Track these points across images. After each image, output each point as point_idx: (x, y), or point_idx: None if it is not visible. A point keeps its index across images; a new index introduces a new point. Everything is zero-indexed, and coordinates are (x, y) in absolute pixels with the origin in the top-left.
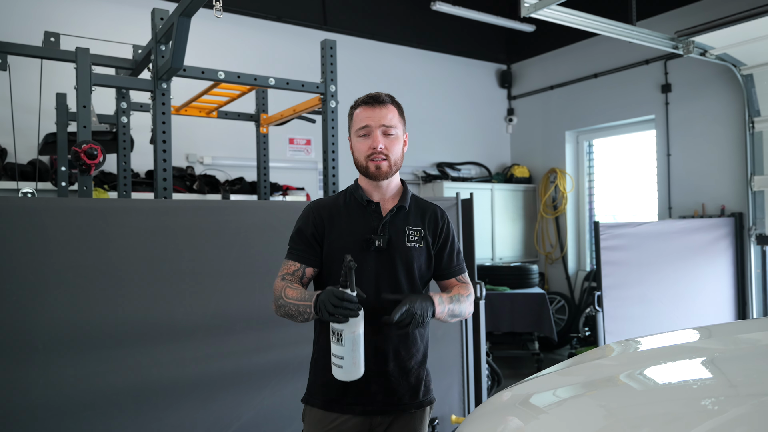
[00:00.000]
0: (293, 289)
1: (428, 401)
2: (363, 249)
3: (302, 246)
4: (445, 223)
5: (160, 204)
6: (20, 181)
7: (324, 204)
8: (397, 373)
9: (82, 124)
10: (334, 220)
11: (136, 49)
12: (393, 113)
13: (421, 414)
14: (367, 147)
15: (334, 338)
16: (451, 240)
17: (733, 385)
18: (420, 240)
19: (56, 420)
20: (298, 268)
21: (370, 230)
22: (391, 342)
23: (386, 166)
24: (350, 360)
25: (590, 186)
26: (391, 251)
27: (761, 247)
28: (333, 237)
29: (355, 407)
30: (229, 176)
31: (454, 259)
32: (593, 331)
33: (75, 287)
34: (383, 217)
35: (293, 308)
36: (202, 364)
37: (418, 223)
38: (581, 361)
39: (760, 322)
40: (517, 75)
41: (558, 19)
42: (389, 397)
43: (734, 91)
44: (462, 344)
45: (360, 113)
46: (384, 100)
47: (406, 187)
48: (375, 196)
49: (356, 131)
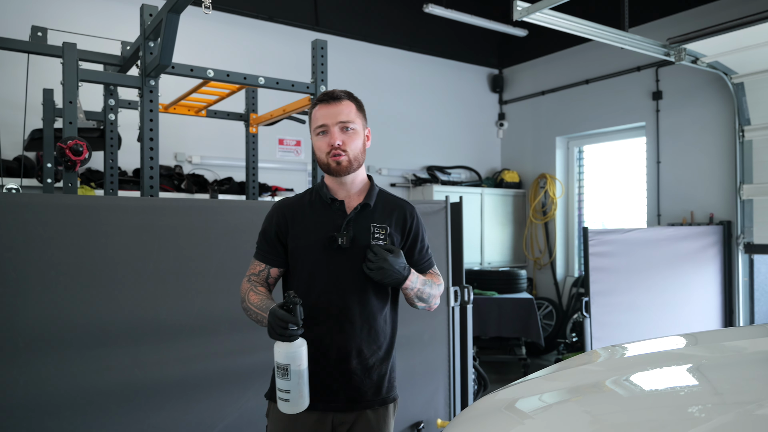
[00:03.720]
0: (256, 294)
1: (392, 398)
2: (326, 247)
3: (266, 246)
4: (414, 221)
5: (145, 202)
6: (5, 178)
7: (288, 203)
8: (360, 371)
9: (68, 120)
10: (298, 219)
11: (125, 45)
12: (350, 108)
13: (384, 411)
14: (325, 144)
15: (280, 373)
16: (421, 237)
17: (719, 392)
18: (386, 237)
19: (37, 420)
20: (263, 268)
21: (333, 228)
22: (354, 340)
23: (346, 161)
24: (297, 393)
25: (580, 192)
26: (355, 249)
27: (749, 255)
28: (297, 236)
29: (317, 404)
30: (217, 176)
31: (423, 255)
32: (580, 337)
33: (57, 285)
34: (347, 215)
35: (254, 315)
36: (186, 364)
37: (384, 221)
38: (567, 366)
39: (745, 330)
40: (509, 80)
41: (550, 23)
42: (352, 394)
43: (725, 100)
44: (449, 348)
45: (317, 112)
46: (339, 96)
47: (373, 184)
48: (340, 194)
49: (315, 130)
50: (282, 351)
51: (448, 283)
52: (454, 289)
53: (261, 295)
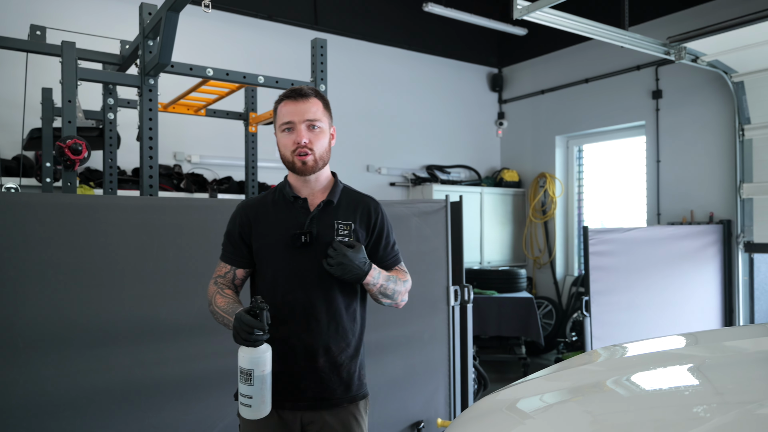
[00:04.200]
0: (223, 297)
1: (362, 395)
2: (290, 246)
3: (231, 248)
4: (379, 216)
5: (145, 201)
6: (4, 177)
7: (251, 203)
8: (327, 369)
9: (68, 119)
10: (261, 219)
11: (124, 44)
12: (317, 107)
13: (355, 408)
14: (291, 142)
15: (243, 378)
16: (386, 233)
17: (720, 392)
18: (350, 234)
19: (37, 420)
20: (229, 270)
21: (297, 226)
22: (321, 338)
23: (311, 161)
24: (259, 399)
25: (579, 191)
26: (319, 247)
27: (749, 254)
28: (260, 236)
29: (285, 403)
30: (217, 175)
31: (389, 251)
32: (580, 336)
33: (57, 284)
34: (311, 213)
35: (220, 318)
36: (186, 363)
37: (348, 217)
38: (568, 366)
39: (746, 329)
40: (508, 79)
41: (550, 22)
42: (321, 392)
43: (725, 99)
44: (449, 347)
45: (283, 108)
46: (307, 93)
47: (337, 181)
48: (303, 192)
49: (280, 126)
50: (246, 356)
51: (448, 282)
52: (454, 288)
53: (227, 298)
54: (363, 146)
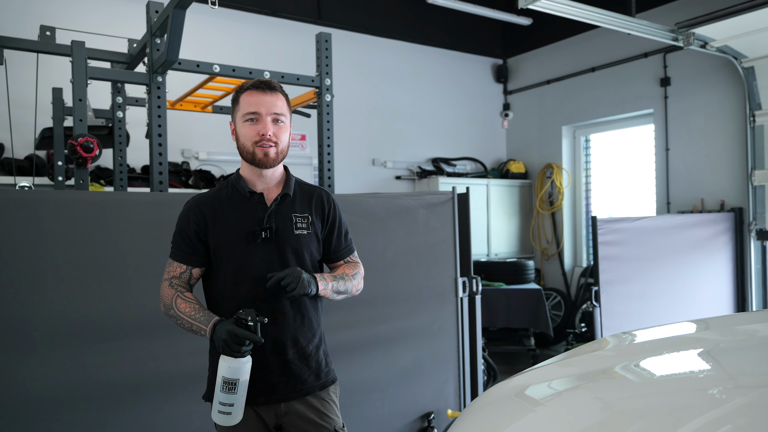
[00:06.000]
0: (185, 301)
1: (331, 380)
2: (250, 241)
3: (186, 247)
4: (332, 206)
5: (156, 197)
6: (17, 176)
7: (204, 200)
8: (297, 360)
9: (79, 117)
10: (217, 216)
11: (132, 43)
12: (282, 102)
13: (326, 394)
14: (255, 133)
15: (226, 388)
16: (338, 222)
17: (732, 376)
18: (308, 226)
19: (53, 412)
20: (185, 270)
21: (255, 222)
22: (288, 331)
23: (274, 153)
24: (239, 406)
25: (587, 181)
26: (279, 241)
27: (761, 242)
28: (218, 233)
29: (259, 398)
30: (224, 171)
31: (342, 241)
32: (590, 327)
33: (71, 280)
34: (268, 207)
35: (186, 324)
36: (199, 356)
37: (305, 209)
38: (577, 353)
39: (758, 314)
40: (513, 69)
41: (556, 10)
42: (293, 383)
43: (734, 85)
44: (458, 339)
45: (248, 98)
46: (275, 87)
47: (290, 174)
48: (258, 186)
49: (243, 116)
50: (233, 366)
51: (456, 274)
52: (462, 280)
53: (191, 302)
54: (368, 140)
